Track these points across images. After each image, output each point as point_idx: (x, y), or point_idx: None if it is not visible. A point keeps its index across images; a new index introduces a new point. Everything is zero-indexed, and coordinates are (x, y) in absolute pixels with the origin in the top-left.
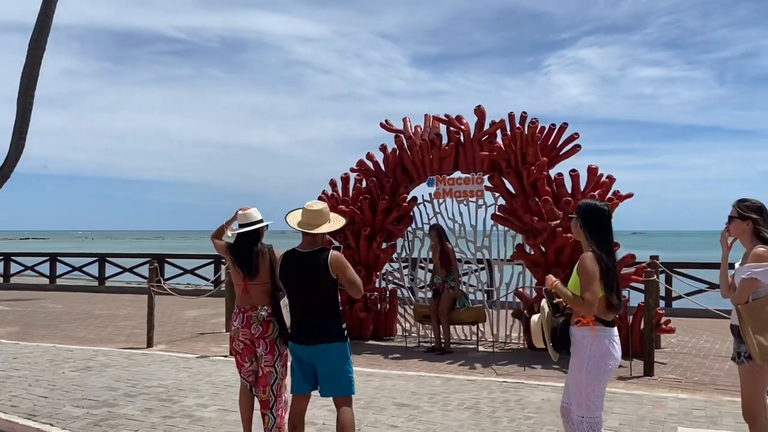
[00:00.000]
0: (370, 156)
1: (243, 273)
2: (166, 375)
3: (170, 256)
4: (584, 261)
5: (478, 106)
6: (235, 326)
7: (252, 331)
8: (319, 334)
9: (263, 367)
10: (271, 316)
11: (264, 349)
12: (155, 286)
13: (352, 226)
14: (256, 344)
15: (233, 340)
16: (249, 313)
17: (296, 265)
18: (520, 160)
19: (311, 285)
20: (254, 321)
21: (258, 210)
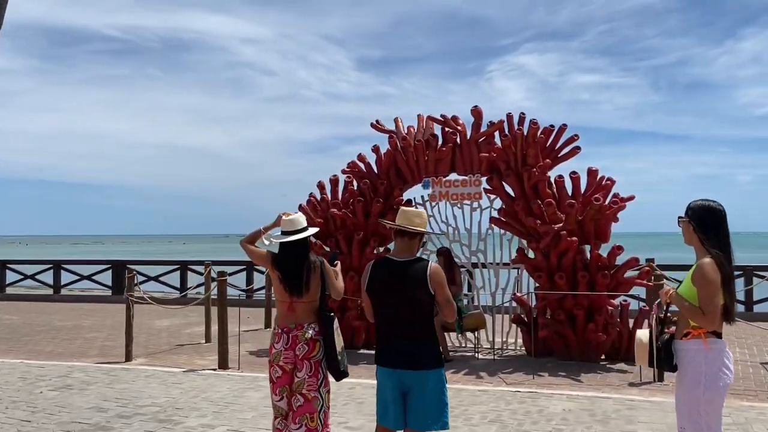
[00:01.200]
0: (361, 157)
1: (290, 289)
2: (156, 392)
3: (132, 263)
4: (704, 268)
5: (475, 107)
6: (276, 349)
7: (296, 352)
8: (417, 359)
9: (305, 393)
10: (318, 335)
11: (308, 372)
12: (133, 295)
13: (344, 230)
14: (299, 367)
15: (272, 365)
16: (294, 333)
17: (390, 277)
18: (520, 162)
19: (408, 300)
20: (300, 341)
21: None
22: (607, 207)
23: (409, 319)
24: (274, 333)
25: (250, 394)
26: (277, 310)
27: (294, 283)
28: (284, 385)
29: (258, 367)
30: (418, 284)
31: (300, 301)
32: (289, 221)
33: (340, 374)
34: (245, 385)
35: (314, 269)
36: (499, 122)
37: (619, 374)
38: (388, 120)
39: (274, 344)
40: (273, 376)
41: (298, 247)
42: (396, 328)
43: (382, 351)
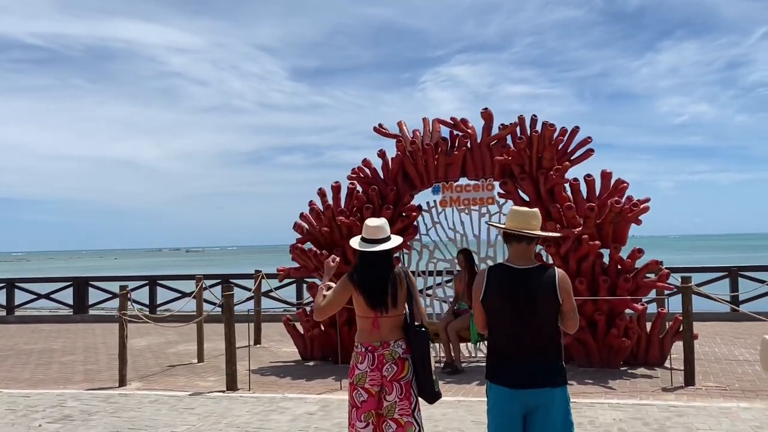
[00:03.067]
0: (367, 163)
1: (375, 304)
2: (170, 419)
3: (94, 279)
4: None
5: (485, 109)
6: (360, 370)
7: (384, 372)
8: (545, 375)
9: (397, 419)
10: (407, 353)
11: (399, 394)
12: (127, 314)
13: (351, 238)
14: (388, 389)
15: (354, 388)
16: (380, 351)
17: (513, 285)
18: (535, 165)
19: (533, 311)
20: (387, 360)
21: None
22: (627, 209)
23: (536, 332)
24: (357, 352)
25: (275, 417)
26: (359, 327)
27: (379, 298)
28: (370, 410)
29: (270, 387)
30: (547, 292)
31: (385, 316)
32: (376, 228)
33: (434, 396)
34: (265, 407)
35: (400, 281)
36: (512, 125)
37: (646, 379)
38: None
39: (356, 364)
40: (356, 400)
41: (384, 257)
42: (520, 342)
43: (501, 368)
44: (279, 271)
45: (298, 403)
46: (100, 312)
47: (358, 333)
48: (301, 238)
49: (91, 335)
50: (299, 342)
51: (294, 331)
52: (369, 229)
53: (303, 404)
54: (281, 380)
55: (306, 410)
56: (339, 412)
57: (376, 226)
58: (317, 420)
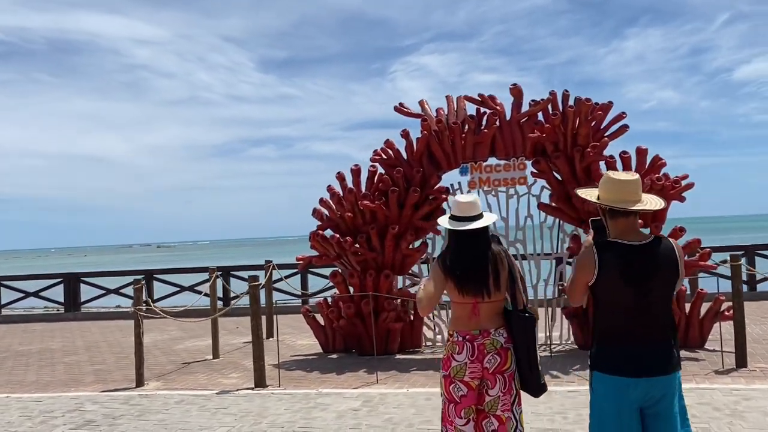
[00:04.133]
0: (390, 144)
1: (474, 289)
2: (206, 422)
3: (86, 275)
4: None
5: (515, 85)
6: (457, 361)
7: (485, 364)
8: (669, 359)
9: (499, 414)
10: (509, 342)
11: (502, 388)
12: (143, 309)
13: (376, 223)
14: (490, 382)
15: (451, 381)
16: (480, 340)
17: (635, 264)
18: (570, 143)
19: (658, 289)
20: (489, 350)
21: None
22: (669, 186)
23: (660, 312)
24: (453, 342)
25: (318, 414)
26: (454, 314)
27: (479, 281)
28: (470, 406)
29: (300, 383)
30: (670, 267)
31: (486, 301)
32: (469, 204)
33: (540, 389)
34: (303, 404)
35: (501, 261)
36: (546, 100)
37: (692, 362)
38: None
39: (453, 355)
40: (455, 394)
41: (483, 235)
42: (643, 325)
43: (617, 356)
44: (298, 260)
45: (336, 399)
46: (94, 309)
47: (453, 321)
48: (321, 225)
49: (89, 333)
50: (320, 334)
51: (314, 322)
52: (461, 206)
53: (343, 400)
54: (310, 375)
55: (349, 406)
56: (384, 408)
57: (470, 201)
58: (365, 416)
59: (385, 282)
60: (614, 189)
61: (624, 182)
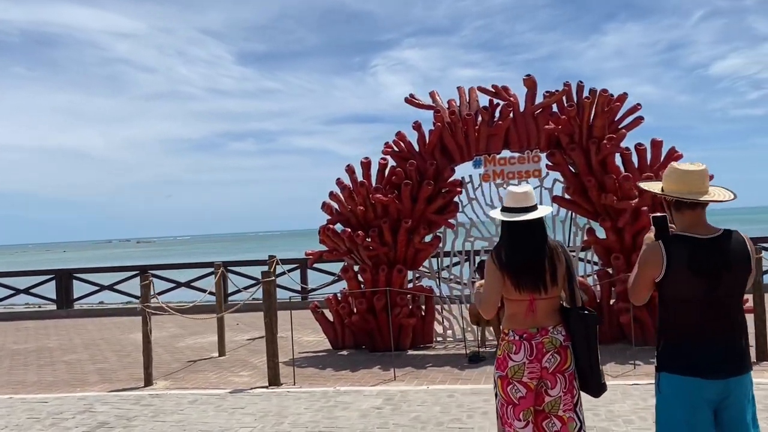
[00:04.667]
0: (401, 136)
1: (531, 284)
2: (225, 422)
3: (78, 270)
4: None
5: (528, 76)
6: (515, 361)
7: (545, 363)
8: (743, 358)
9: (561, 415)
10: (567, 340)
11: (563, 388)
12: (150, 306)
13: (387, 217)
14: (551, 383)
15: (508, 382)
16: (539, 339)
17: (707, 259)
18: (585, 135)
19: (731, 285)
20: (548, 349)
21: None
22: None
23: (732, 308)
24: (509, 341)
25: (341, 414)
26: (508, 311)
27: (536, 276)
28: (529, 407)
29: (315, 381)
30: (742, 262)
31: (543, 298)
32: (523, 195)
33: (600, 389)
34: (322, 403)
35: (558, 256)
36: (561, 91)
37: None
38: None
39: (509, 355)
40: (512, 396)
41: (539, 228)
42: (714, 322)
43: (688, 356)
44: (308, 255)
45: (356, 397)
46: (86, 306)
47: (508, 319)
48: (331, 219)
49: (86, 331)
50: (329, 330)
51: (323, 318)
52: (515, 196)
53: (363, 398)
54: (323, 372)
55: (370, 404)
56: (408, 406)
57: (524, 192)
58: (390, 415)
59: (398, 277)
60: (680, 180)
61: (690, 173)
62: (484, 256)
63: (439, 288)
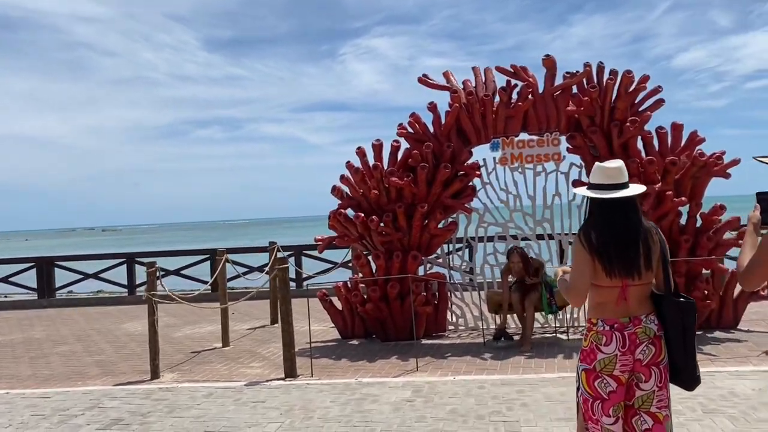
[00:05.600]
0: (416, 118)
1: (624, 269)
2: (249, 417)
3: (62, 259)
4: None
5: (548, 56)
6: (605, 354)
7: (638, 355)
8: None
9: (654, 412)
10: (661, 330)
11: (657, 381)
12: (156, 294)
13: (402, 201)
14: (644, 375)
15: (598, 376)
16: (631, 329)
17: None
18: (607, 117)
19: None
20: (641, 340)
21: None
22: (712, 163)
23: None
24: (598, 332)
25: (371, 407)
26: (596, 300)
27: (630, 259)
28: (619, 402)
29: (333, 372)
30: None
31: (636, 284)
32: (616, 170)
33: (694, 381)
34: (348, 396)
35: (651, 238)
36: (583, 72)
37: (735, 343)
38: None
39: (598, 346)
40: (602, 391)
41: (633, 206)
42: None
43: None
44: (317, 241)
45: (382, 389)
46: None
47: (595, 307)
48: (341, 203)
49: (72, 321)
50: (338, 319)
51: (331, 307)
52: (606, 172)
53: (389, 390)
54: (339, 363)
55: (399, 396)
56: (440, 398)
57: (616, 167)
58: (424, 408)
59: (413, 263)
60: None
61: None
62: (498, 243)
63: (451, 275)
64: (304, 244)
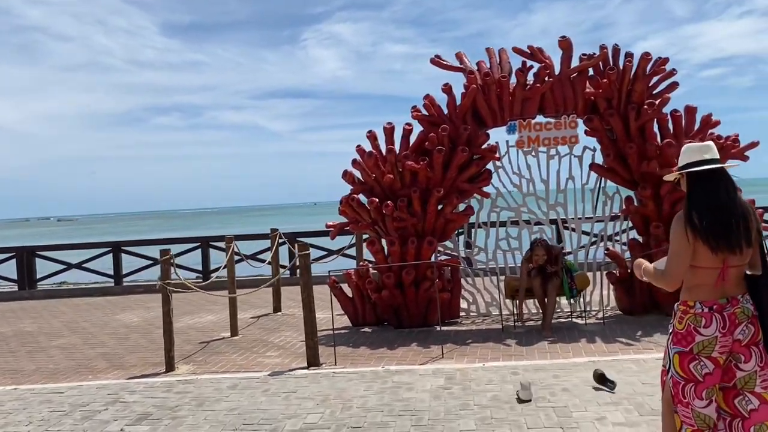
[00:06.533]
0: (431, 100)
1: (727, 246)
2: (285, 409)
3: (44, 249)
4: None
5: (564, 37)
6: (705, 336)
7: (737, 336)
8: None
9: (759, 392)
10: (756, 310)
11: (758, 361)
12: (171, 284)
13: (416, 186)
14: (745, 356)
15: (693, 358)
16: (730, 309)
17: None
18: (624, 100)
19: None
20: (740, 320)
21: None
22: (730, 146)
23: None
24: (696, 314)
25: (409, 395)
26: (692, 282)
27: (734, 236)
28: (714, 385)
29: (356, 360)
30: None
31: (736, 264)
32: (706, 146)
33: None
34: (381, 384)
35: (751, 214)
36: (600, 54)
37: None
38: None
39: (697, 329)
40: (697, 373)
41: (727, 181)
42: None
43: None
44: (329, 227)
45: (413, 377)
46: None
47: (692, 289)
48: (354, 188)
49: (60, 313)
50: (348, 306)
51: (342, 294)
52: (696, 149)
53: (420, 377)
54: (358, 351)
55: (434, 384)
56: (476, 385)
57: (705, 144)
58: (464, 395)
59: (428, 249)
60: None
61: None
62: (511, 228)
63: (469, 261)
64: (299, 231)
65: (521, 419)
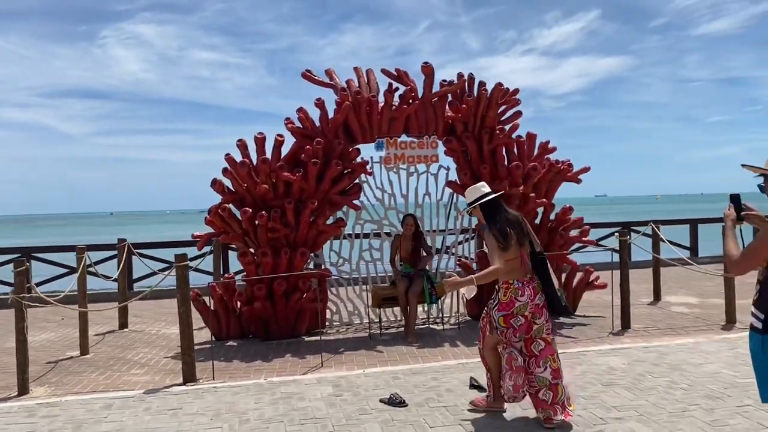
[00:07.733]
0: (305, 112)
1: (519, 243)
2: (179, 426)
3: None
4: None
5: (426, 63)
6: (521, 301)
7: (537, 301)
8: None
9: (545, 337)
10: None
11: (546, 317)
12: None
13: (290, 197)
14: (539, 315)
15: (513, 315)
16: (533, 283)
17: None
18: (479, 124)
19: None
20: (538, 290)
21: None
22: (566, 169)
23: None
24: (514, 287)
25: (304, 404)
26: (507, 268)
27: (521, 236)
28: (522, 333)
29: (233, 373)
30: None
31: (526, 253)
32: (483, 185)
33: (563, 309)
34: (271, 396)
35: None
36: (459, 82)
37: (583, 327)
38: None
39: (515, 298)
40: (514, 324)
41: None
42: None
43: None
44: (195, 238)
45: (299, 387)
46: None
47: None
48: (224, 198)
49: None
50: (212, 320)
51: (204, 308)
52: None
53: (306, 387)
54: (232, 365)
55: (325, 392)
56: (365, 390)
57: (481, 183)
58: (358, 401)
59: (301, 260)
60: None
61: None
62: (373, 240)
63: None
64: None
65: (421, 419)
